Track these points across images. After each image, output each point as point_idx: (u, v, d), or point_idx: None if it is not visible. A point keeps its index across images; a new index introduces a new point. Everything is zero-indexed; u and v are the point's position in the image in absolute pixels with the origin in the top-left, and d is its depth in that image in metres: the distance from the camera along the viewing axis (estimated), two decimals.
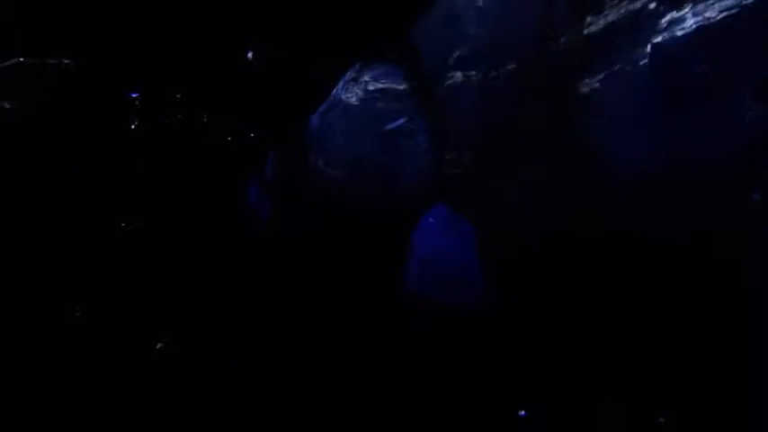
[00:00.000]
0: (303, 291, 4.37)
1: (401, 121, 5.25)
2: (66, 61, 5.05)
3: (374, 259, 4.31)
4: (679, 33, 3.20)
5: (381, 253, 4.18)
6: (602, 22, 3.64)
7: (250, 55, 7.74)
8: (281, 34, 7.75)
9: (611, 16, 3.61)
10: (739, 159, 2.97)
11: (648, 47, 3.35)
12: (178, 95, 6.93)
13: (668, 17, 3.30)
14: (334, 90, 6.34)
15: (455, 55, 4.71)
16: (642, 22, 3.44)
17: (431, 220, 3.38)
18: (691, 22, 3.15)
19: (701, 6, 3.14)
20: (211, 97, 7.88)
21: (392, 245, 4.05)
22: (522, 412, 2.63)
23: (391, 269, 3.76)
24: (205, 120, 7.69)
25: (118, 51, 6.47)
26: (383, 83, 5.69)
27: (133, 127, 6.31)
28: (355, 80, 6.08)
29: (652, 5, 3.41)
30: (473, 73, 4.50)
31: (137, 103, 5.84)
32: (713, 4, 3.09)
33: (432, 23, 5.11)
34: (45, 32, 5.52)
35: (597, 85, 3.67)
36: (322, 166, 6.13)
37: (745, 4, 2.93)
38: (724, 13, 3.01)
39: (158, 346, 3.41)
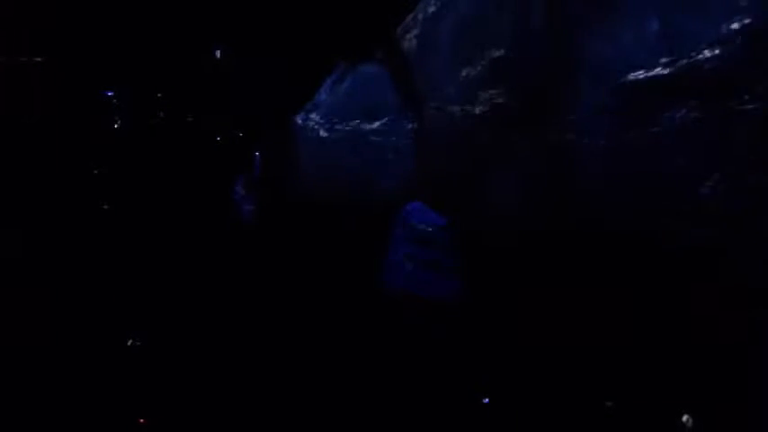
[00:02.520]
0: (285, 288, 4.33)
1: (384, 120, 5.19)
2: (39, 59, 4.95)
3: (353, 258, 4.27)
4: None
5: (360, 251, 4.15)
6: None
7: (235, 55, 7.68)
8: (269, 34, 7.69)
9: None
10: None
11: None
12: (160, 94, 6.84)
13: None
14: (319, 90, 6.29)
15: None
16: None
17: (408, 217, 3.33)
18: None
19: None
20: (197, 97, 7.81)
21: (371, 243, 3.99)
22: (486, 399, 2.65)
23: (370, 267, 3.71)
24: (190, 119, 7.61)
25: (100, 50, 6.39)
26: (367, 83, 5.62)
27: (115, 126, 6.23)
28: (340, 80, 6.02)
29: None
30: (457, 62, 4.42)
31: (114, 101, 5.74)
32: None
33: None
34: (23, 31, 5.42)
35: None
36: (305, 165, 6.08)
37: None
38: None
39: (132, 342, 3.33)
